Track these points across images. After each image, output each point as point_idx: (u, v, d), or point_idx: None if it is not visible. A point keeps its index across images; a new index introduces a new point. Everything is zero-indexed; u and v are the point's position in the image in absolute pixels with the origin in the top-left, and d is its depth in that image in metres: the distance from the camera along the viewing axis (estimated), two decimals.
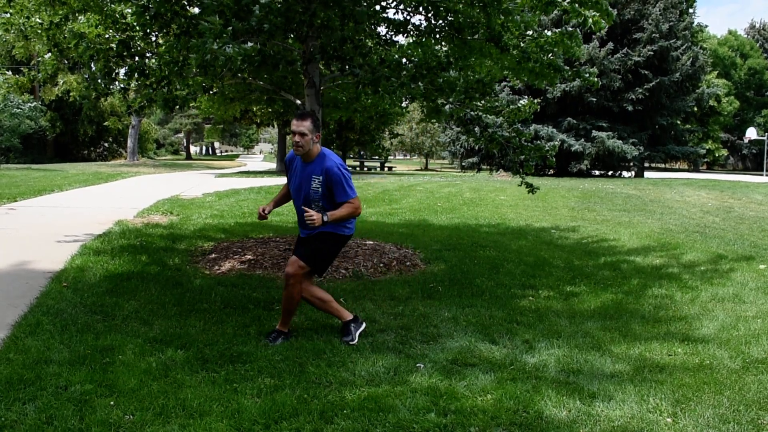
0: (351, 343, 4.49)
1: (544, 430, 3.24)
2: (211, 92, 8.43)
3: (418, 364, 4.11)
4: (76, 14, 6.89)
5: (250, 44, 5.11)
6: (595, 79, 7.35)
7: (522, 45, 6.57)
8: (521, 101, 7.90)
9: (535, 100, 8.00)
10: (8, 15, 7.13)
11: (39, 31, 6.99)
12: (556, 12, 6.63)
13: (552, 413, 3.41)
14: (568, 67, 7.30)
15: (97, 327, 4.68)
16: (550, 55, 6.80)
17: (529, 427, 3.26)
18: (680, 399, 3.63)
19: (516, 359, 4.26)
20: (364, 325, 4.72)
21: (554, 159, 7.61)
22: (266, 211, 4.70)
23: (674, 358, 4.37)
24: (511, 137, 7.74)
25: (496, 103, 7.63)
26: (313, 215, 4.29)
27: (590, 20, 6.46)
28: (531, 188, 7.89)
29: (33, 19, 7.00)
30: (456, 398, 3.57)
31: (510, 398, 3.57)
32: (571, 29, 6.69)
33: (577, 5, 6.36)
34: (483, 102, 7.47)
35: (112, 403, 3.39)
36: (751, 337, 4.81)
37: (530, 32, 6.60)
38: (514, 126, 7.90)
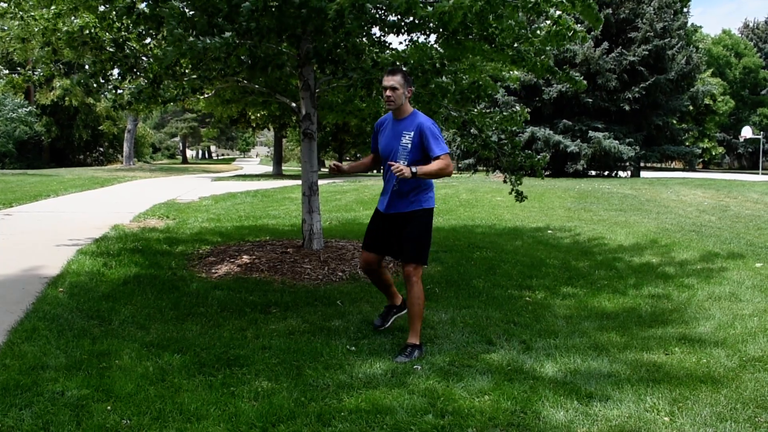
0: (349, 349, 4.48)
1: (542, 431, 3.24)
2: (205, 95, 8.44)
3: (415, 366, 4.11)
4: (70, 14, 6.88)
5: (228, 34, 5.03)
6: (584, 83, 7.45)
7: (516, 45, 6.59)
8: (514, 107, 7.99)
9: (527, 109, 8.07)
10: (5, 5, 7.12)
11: (35, 28, 6.96)
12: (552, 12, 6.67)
13: (549, 413, 3.42)
14: (558, 70, 7.34)
15: (94, 332, 4.67)
16: (542, 57, 6.83)
17: (527, 428, 3.26)
18: (677, 398, 3.64)
19: (513, 360, 4.26)
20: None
21: (542, 171, 7.74)
22: (338, 167, 4.59)
23: (671, 357, 4.37)
24: (503, 143, 7.79)
25: (488, 110, 7.68)
26: (400, 166, 4.13)
27: (579, 35, 6.58)
28: (519, 197, 7.95)
29: (28, 14, 6.99)
30: (453, 399, 3.57)
31: (507, 399, 3.57)
32: (567, 25, 6.74)
33: (566, 17, 6.47)
34: (477, 108, 7.50)
35: (109, 408, 3.38)
36: (748, 336, 4.82)
37: (523, 31, 6.63)
38: (507, 131, 7.95)
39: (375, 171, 4.56)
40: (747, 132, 44.78)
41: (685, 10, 33.03)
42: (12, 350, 4.20)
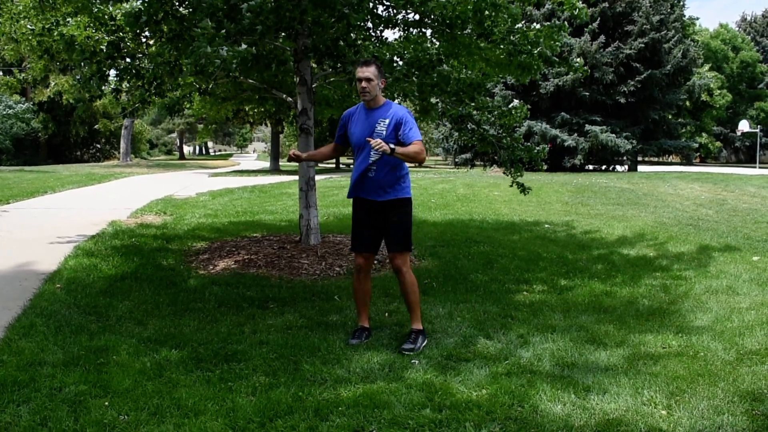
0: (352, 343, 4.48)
1: (539, 425, 3.24)
2: (203, 93, 8.42)
3: (412, 360, 4.12)
4: (66, 18, 6.85)
5: (244, 46, 5.09)
6: (585, 68, 7.44)
7: (511, 38, 6.58)
8: (513, 102, 7.93)
9: (526, 105, 7.98)
10: None
11: (30, 37, 6.95)
12: (548, 6, 6.70)
13: (547, 407, 3.42)
14: (556, 59, 7.32)
15: (91, 328, 4.67)
16: (539, 48, 6.82)
17: (524, 422, 3.26)
18: (675, 391, 3.64)
19: (511, 354, 4.26)
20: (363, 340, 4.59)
21: (543, 163, 7.66)
22: (297, 155, 4.64)
23: (668, 350, 4.38)
24: (501, 137, 7.74)
25: (489, 104, 7.63)
26: (380, 141, 4.12)
27: (582, 12, 6.58)
28: (523, 189, 7.82)
29: (22, 23, 6.96)
30: (451, 393, 3.57)
31: (505, 393, 3.57)
32: (559, 23, 6.73)
33: None
34: (475, 102, 7.46)
35: (106, 403, 3.38)
36: (745, 329, 4.83)
37: (519, 25, 6.62)
38: (506, 126, 7.90)
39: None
40: (744, 126, 44.83)
41: (681, 2, 33.01)
42: (9, 346, 4.20)
